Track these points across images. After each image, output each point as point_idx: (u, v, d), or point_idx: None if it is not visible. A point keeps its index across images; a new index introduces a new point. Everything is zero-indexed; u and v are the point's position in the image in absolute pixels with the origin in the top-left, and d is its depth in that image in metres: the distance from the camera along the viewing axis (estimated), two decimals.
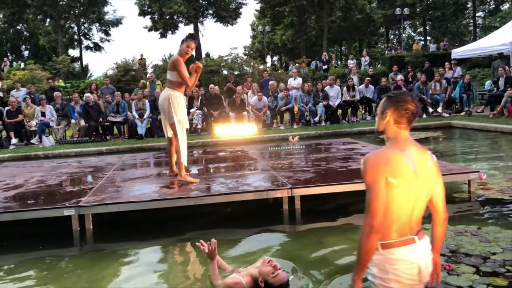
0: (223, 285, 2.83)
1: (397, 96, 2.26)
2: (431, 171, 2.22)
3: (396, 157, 2.16)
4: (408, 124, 2.24)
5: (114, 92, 13.80)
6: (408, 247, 2.13)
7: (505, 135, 10.01)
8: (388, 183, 2.10)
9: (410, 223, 2.16)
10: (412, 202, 2.15)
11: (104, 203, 4.41)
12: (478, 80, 18.53)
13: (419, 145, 2.27)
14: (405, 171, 2.12)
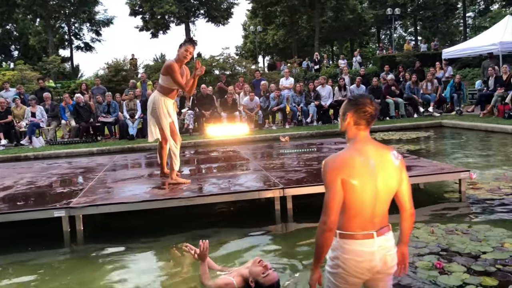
0: (214, 285, 2.81)
1: (357, 99, 2.39)
2: (392, 169, 2.34)
3: (353, 159, 2.29)
4: (367, 125, 2.37)
5: (105, 93, 13.72)
6: (362, 241, 2.28)
7: (495, 134, 10.09)
8: (348, 183, 2.25)
9: (372, 219, 2.30)
10: (373, 199, 2.28)
11: (95, 204, 4.38)
12: (468, 79, 18.67)
13: (380, 144, 2.42)
14: (363, 171, 2.26)
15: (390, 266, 2.35)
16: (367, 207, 2.30)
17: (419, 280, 2.89)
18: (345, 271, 2.31)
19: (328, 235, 2.26)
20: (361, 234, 2.29)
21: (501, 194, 4.87)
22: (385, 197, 2.34)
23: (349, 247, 2.30)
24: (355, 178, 2.26)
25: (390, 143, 9.55)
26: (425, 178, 4.98)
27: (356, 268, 2.29)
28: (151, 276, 3.29)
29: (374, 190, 2.29)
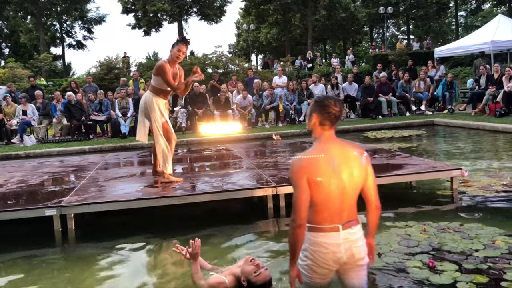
0: (206, 285, 2.80)
1: (322, 101, 2.54)
2: (356, 165, 2.49)
3: (317, 158, 2.45)
4: (332, 126, 2.53)
5: (97, 91, 13.65)
6: (327, 234, 2.44)
7: (486, 132, 10.16)
8: (313, 181, 2.40)
9: (340, 213, 2.45)
10: (339, 194, 2.44)
11: (87, 202, 4.35)
12: (460, 78, 18.79)
13: (345, 142, 2.60)
14: (328, 169, 2.42)
15: (358, 258, 2.48)
16: (334, 202, 2.44)
17: (411, 279, 2.90)
18: (313, 263, 2.46)
19: (298, 232, 2.40)
20: (328, 227, 2.44)
21: (492, 191, 4.89)
22: (351, 192, 2.48)
23: (316, 240, 2.45)
24: (320, 175, 2.40)
25: (382, 142, 9.59)
26: (417, 176, 4.99)
27: (323, 259, 2.44)
28: (142, 275, 3.28)
29: (340, 186, 2.44)
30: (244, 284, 2.69)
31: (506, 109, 11.48)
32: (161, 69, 4.75)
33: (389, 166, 5.38)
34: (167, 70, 4.75)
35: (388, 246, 3.44)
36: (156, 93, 4.92)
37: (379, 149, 7.12)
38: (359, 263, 2.51)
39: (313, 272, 2.49)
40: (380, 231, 3.81)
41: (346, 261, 2.46)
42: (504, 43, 15.62)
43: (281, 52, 36.69)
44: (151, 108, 4.90)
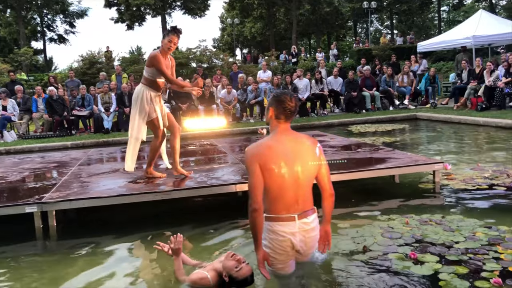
0: (188, 280, 2.79)
1: (279, 96, 2.73)
2: (310, 156, 2.66)
3: (270, 147, 2.62)
4: (287, 119, 2.71)
5: (79, 85, 13.47)
6: (283, 223, 2.62)
7: (468, 126, 10.30)
8: (266, 168, 2.56)
9: (296, 201, 2.62)
10: (293, 183, 2.60)
11: (68, 199, 4.28)
12: (442, 73, 18.99)
13: (300, 134, 2.80)
14: (280, 158, 2.58)
15: (310, 246, 2.71)
16: (288, 191, 2.60)
17: (393, 271, 2.92)
18: (272, 250, 2.66)
19: (255, 215, 2.57)
20: (285, 217, 2.62)
21: (474, 184, 4.96)
22: (305, 181, 2.65)
23: (273, 228, 2.64)
24: (272, 164, 2.57)
25: (366, 136, 9.65)
26: (400, 170, 5.03)
27: (280, 246, 2.65)
28: (125, 271, 3.24)
29: (294, 175, 2.60)
30: (226, 280, 2.69)
31: (487, 103, 11.65)
32: (154, 59, 4.56)
33: (373, 160, 5.42)
34: (161, 60, 4.57)
35: (373, 238, 3.47)
36: (148, 85, 4.71)
37: (362, 143, 7.17)
38: (310, 252, 2.75)
39: (275, 259, 2.67)
40: (363, 224, 3.84)
41: (299, 249, 2.67)
42: (485, 38, 15.82)
43: (265, 46, 36.65)
44: (143, 101, 4.69)
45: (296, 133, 2.78)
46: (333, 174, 4.71)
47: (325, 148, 6.42)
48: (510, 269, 2.82)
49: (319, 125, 11.85)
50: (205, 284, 2.74)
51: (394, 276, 2.86)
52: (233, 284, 2.69)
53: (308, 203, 2.69)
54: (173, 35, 4.59)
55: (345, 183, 4.92)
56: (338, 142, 7.03)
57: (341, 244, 3.43)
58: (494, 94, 11.75)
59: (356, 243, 3.42)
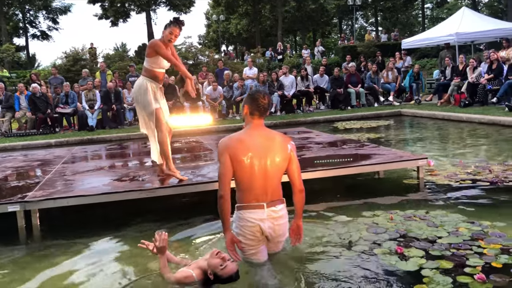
0: (173, 278, 2.78)
1: (253, 94, 2.91)
2: (279, 151, 2.85)
3: (241, 140, 2.82)
4: (260, 115, 2.89)
5: (63, 82, 13.33)
6: (253, 211, 2.82)
7: (451, 122, 10.43)
8: (236, 160, 2.77)
9: (265, 192, 2.82)
10: (262, 175, 2.80)
11: (52, 197, 4.23)
12: (426, 69, 19.20)
13: (272, 131, 2.98)
14: (250, 151, 2.77)
15: (279, 234, 2.91)
16: (258, 181, 2.80)
17: (379, 266, 2.95)
18: (243, 236, 2.87)
19: (222, 201, 2.81)
20: (254, 205, 2.81)
21: (457, 179, 5.03)
22: (274, 173, 2.84)
23: (243, 216, 2.84)
24: (242, 156, 2.76)
25: (351, 132, 9.71)
26: (384, 166, 5.07)
27: (250, 232, 2.84)
28: (110, 270, 3.22)
29: (263, 167, 2.80)
30: (211, 277, 2.69)
31: (470, 99, 11.80)
32: (156, 46, 4.36)
33: (358, 156, 5.46)
34: (162, 45, 4.36)
35: (358, 234, 3.50)
36: (149, 76, 4.50)
37: (348, 139, 7.21)
38: (279, 239, 2.94)
39: (245, 245, 2.88)
40: (348, 220, 3.87)
41: (268, 235, 2.86)
42: (468, 35, 15.99)
43: (251, 43, 36.54)
44: (146, 94, 4.46)
45: (268, 129, 2.96)
46: (319, 171, 4.76)
47: (311, 145, 6.45)
48: (493, 264, 2.87)
49: (305, 121, 11.88)
50: (190, 282, 2.74)
51: (380, 271, 2.89)
52: (218, 281, 2.69)
53: (277, 194, 2.89)
54: (174, 27, 4.39)
55: (331, 179, 4.95)
56: (324, 139, 7.06)
57: (326, 239, 3.44)
58: (476, 91, 11.90)
59: (342, 238, 3.45)
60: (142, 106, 4.57)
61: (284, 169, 2.90)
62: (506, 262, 2.90)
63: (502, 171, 5.25)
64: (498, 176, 5.06)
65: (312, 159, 5.39)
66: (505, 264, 2.87)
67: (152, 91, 4.51)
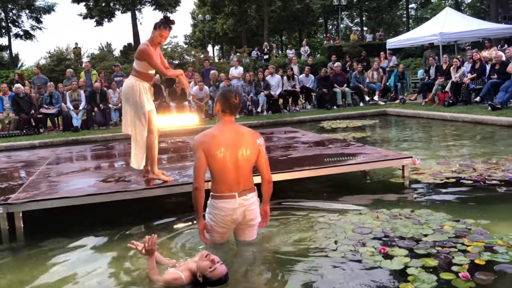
0: (162, 280, 2.76)
1: (225, 92, 3.17)
2: (249, 145, 3.12)
3: (214, 136, 3.10)
4: (231, 113, 3.15)
5: (47, 83, 13.15)
6: (226, 200, 3.10)
7: (436, 121, 10.54)
8: (209, 154, 3.04)
9: (237, 182, 3.10)
10: (234, 167, 3.07)
11: (35, 199, 4.17)
12: (411, 69, 19.36)
13: (243, 127, 3.25)
14: (222, 145, 3.04)
15: (249, 219, 3.19)
16: (230, 174, 3.08)
17: (364, 265, 2.97)
18: (215, 223, 3.16)
19: (196, 193, 3.09)
20: (227, 195, 3.09)
21: (442, 178, 5.08)
22: (245, 165, 3.12)
23: (217, 205, 3.12)
24: (215, 150, 3.04)
25: (337, 132, 9.76)
26: (370, 165, 5.11)
27: (222, 220, 3.13)
28: (96, 272, 3.18)
29: (234, 160, 3.07)
30: (200, 280, 2.67)
31: (454, 99, 11.94)
32: (145, 54, 4.30)
33: (344, 155, 5.48)
34: (152, 53, 4.29)
35: (344, 234, 3.51)
36: (140, 77, 4.43)
37: (334, 139, 7.25)
38: (251, 223, 3.23)
39: (215, 232, 3.20)
40: (334, 219, 3.88)
41: (240, 221, 3.17)
42: (451, 35, 16.18)
43: (237, 43, 36.52)
44: (139, 95, 4.40)
45: (238, 125, 3.23)
46: (305, 170, 4.77)
47: (297, 145, 6.47)
48: (476, 262, 2.90)
49: (291, 121, 11.91)
50: (179, 284, 2.72)
51: (364, 270, 2.90)
52: (207, 284, 2.68)
53: (248, 184, 3.16)
54: (164, 29, 4.30)
55: (317, 178, 4.97)
56: (310, 138, 7.08)
57: (312, 239, 3.45)
58: (460, 90, 12.05)
59: (327, 238, 3.46)
60: (133, 107, 4.48)
61: (253, 161, 3.18)
62: (489, 259, 2.94)
63: (486, 169, 5.33)
64: (482, 174, 5.12)
65: (299, 158, 5.40)
66: (488, 261, 2.92)
67: (145, 92, 4.45)
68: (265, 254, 3.28)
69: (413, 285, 2.65)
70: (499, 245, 3.13)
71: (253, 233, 3.31)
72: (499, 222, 3.65)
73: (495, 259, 2.93)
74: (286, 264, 3.07)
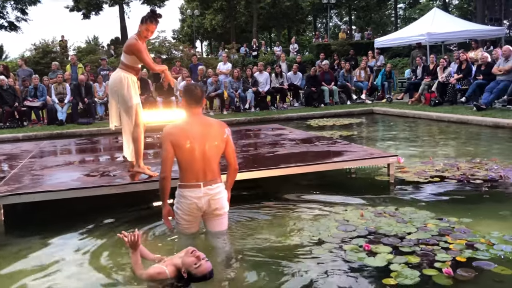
0: (146, 275, 2.74)
1: (189, 87, 3.39)
2: (215, 136, 3.29)
3: (181, 127, 3.28)
4: (196, 105, 3.31)
5: (32, 75, 12.94)
6: (191, 190, 3.25)
7: (422, 120, 10.64)
8: (176, 145, 3.20)
9: (203, 173, 3.25)
10: (200, 157, 3.22)
11: (18, 193, 4.10)
12: (398, 68, 19.51)
13: (210, 119, 3.46)
14: (189, 136, 3.20)
15: (215, 208, 3.33)
16: (196, 164, 3.22)
17: (347, 263, 2.98)
18: (181, 211, 3.33)
19: (163, 181, 3.28)
20: (193, 184, 3.24)
21: (426, 177, 5.12)
22: (212, 156, 3.27)
23: (183, 194, 3.28)
24: (182, 141, 3.19)
25: (324, 130, 9.79)
26: (356, 163, 5.13)
27: (188, 208, 3.29)
28: (80, 267, 3.15)
29: (201, 150, 3.22)
30: (184, 276, 2.66)
31: (440, 98, 12.05)
32: (135, 48, 4.30)
33: (330, 153, 5.50)
34: (141, 48, 4.30)
35: (328, 232, 3.52)
36: (128, 70, 4.42)
37: (320, 136, 7.26)
38: (217, 213, 3.36)
39: (182, 219, 3.35)
40: (319, 216, 3.89)
41: (206, 210, 3.30)
42: (439, 35, 16.34)
43: (226, 39, 36.39)
44: (128, 87, 4.39)
45: (205, 117, 3.42)
46: (291, 167, 4.78)
47: (284, 142, 6.47)
48: (457, 259, 2.93)
49: (279, 118, 11.92)
50: (162, 278, 2.70)
51: (348, 267, 2.91)
52: (191, 280, 2.66)
53: (214, 174, 3.30)
54: (151, 23, 4.30)
55: (303, 175, 4.97)
56: (297, 136, 7.09)
57: (296, 235, 3.46)
58: (446, 90, 12.16)
59: (311, 235, 3.46)
60: (121, 100, 4.45)
61: (221, 152, 3.35)
62: (470, 256, 2.98)
63: (469, 169, 5.38)
64: (465, 173, 5.18)
65: (286, 156, 5.40)
66: (469, 258, 2.95)
67: (133, 85, 4.44)
68: (247, 250, 3.27)
69: (396, 281, 2.67)
70: (480, 243, 3.17)
71: (222, 223, 3.44)
72: (482, 220, 3.69)
73: (476, 256, 2.96)
74: (269, 260, 3.06)
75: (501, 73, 10.50)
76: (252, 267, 3.00)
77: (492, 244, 3.14)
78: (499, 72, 10.54)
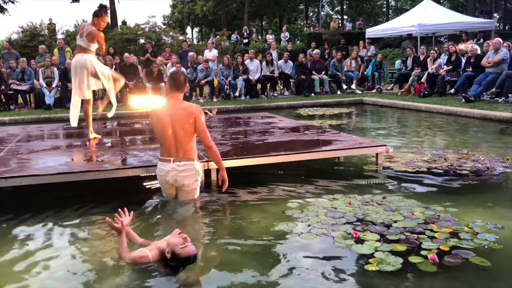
0: (129, 258, 2.74)
1: (173, 74, 3.89)
2: (185, 117, 3.68)
3: (157, 110, 3.83)
4: (177, 90, 3.80)
5: (18, 58, 12.75)
6: (162, 163, 3.80)
7: (411, 111, 10.71)
8: (154, 122, 3.82)
9: (175, 150, 3.73)
10: (171, 136, 3.71)
11: (3, 176, 4.07)
12: (389, 59, 19.54)
13: (186, 103, 3.88)
14: (163, 116, 3.73)
15: (181, 184, 3.80)
16: (168, 140, 3.72)
17: (335, 249, 3.00)
18: (158, 179, 3.96)
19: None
20: (165, 159, 3.78)
21: (414, 167, 5.16)
22: (183, 135, 3.69)
23: (158, 166, 3.87)
24: (154, 120, 3.82)
25: (314, 119, 9.81)
26: (344, 152, 5.16)
27: (160, 179, 3.90)
28: (66, 251, 3.13)
29: (173, 130, 3.69)
30: (168, 256, 2.66)
31: (429, 90, 12.12)
32: (101, 38, 5.65)
33: (319, 142, 5.51)
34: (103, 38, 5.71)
35: (316, 218, 3.54)
36: (91, 53, 5.70)
37: (310, 125, 7.27)
38: (184, 189, 3.84)
39: (162, 187, 3.98)
40: (308, 204, 3.91)
41: (173, 183, 3.80)
42: (429, 26, 16.38)
43: (217, 26, 36.08)
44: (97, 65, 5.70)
45: (181, 102, 3.80)
46: (281, 155, 4.79)
47: (274, 130, 6.47)
48: (441, 248, 2.97)
49: (269, 107, 11.91)
50: (145, 262, 2.71)
51: (335, 254, 2.94)
52: (174, 261, 2.66)
53: (185, 152, 3.73)
54: (105, 15, 5.58)
55: (292, 164, 4.99)
56: (287, 124, 7.09)
57: (285, 223, 3.47)
58: (436, 81, 12.24)
59: (301, 222, 3.48)
60: (99, 70, 5.69)
61: (192, 132, 3.72)
62: (454, 244, 3.01)
63: (456, 159, 5.44)
64: (453, 164, 5.23)
65: (276, 144, 5.41)
66: (453, 246, 2.99)
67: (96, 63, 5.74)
68: (233, 236, 3.28)
69: (378, 267, 2.70)
70: (465, 232, 3.21)
71: (190, 195, 3.91)
72: (467, 209, 3.74)
73: (460, 245, 3.00)
74: (257, 246, 3.08)
75: (490, 65, 10.58)
76: (239, 253, 3.01)
77: (476, 233, 3.19)
78: (488, 64, 10.62)
